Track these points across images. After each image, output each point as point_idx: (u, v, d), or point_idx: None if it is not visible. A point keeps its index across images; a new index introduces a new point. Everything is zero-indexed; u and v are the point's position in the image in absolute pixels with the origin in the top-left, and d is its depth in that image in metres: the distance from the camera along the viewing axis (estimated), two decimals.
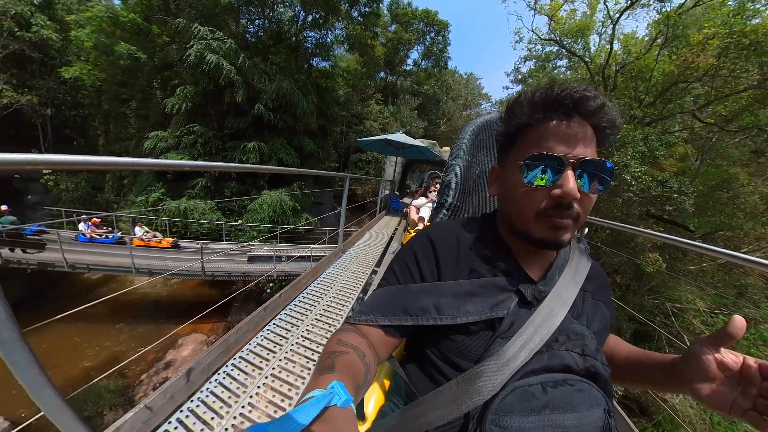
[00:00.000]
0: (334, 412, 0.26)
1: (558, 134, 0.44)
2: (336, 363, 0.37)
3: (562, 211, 0.44)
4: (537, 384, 0.41)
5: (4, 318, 0.76)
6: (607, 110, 0.44)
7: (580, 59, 8.83)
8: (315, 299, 2.47)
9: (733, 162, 8.14)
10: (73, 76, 12.84)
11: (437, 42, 22.59)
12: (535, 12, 9.14)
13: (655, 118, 7.25)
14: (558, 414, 0.39)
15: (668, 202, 5.70)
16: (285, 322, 2.09)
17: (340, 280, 2.93)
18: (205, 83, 10.77)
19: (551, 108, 0.45)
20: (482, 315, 0.46)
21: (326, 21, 13.39)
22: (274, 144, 11.87)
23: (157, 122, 13.36)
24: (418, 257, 0.54)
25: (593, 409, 0.41)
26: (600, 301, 0.55)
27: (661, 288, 7.48)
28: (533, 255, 0.53)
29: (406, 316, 0.48)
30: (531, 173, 0.45)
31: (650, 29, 7.59)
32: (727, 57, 5.84)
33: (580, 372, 0.44)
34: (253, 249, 8.88)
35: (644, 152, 5.45)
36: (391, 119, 19.32)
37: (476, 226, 0.58)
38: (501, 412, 0.40)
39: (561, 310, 0.47)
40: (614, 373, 0.54)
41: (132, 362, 7.83)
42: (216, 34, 10.05)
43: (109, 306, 9.30)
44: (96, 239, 8.59)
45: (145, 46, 12.13)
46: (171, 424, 1.26)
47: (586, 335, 0.47)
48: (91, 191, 14.00)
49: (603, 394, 0.43)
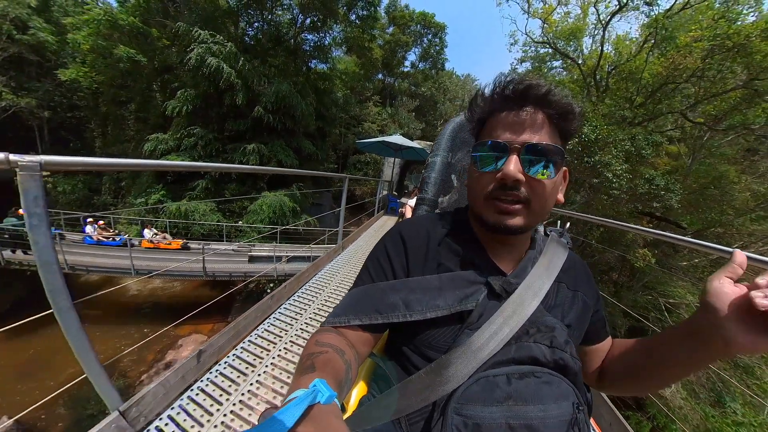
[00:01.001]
0: (320, 409, 0.26)
1: (507, 123, 0.47)
2: (315, 363, 0.37)
3: (506, 192, 0.45)
4: (502, 375, 0.42)
5: (60, 288, 0.89)
6: (554, 96, 0.45)
7: (573, 61, 9.03)
8: (316, 292, 2.58)
9: (726, 160, 8.31)
10: (69, 79, 12.87)
11: (434, 44, 22.82)
12: (529, 15, 9.34)
13: (646, 118, 7.43)
14: (521, 405, 0.39)
15: (655, 199, 5.86)
16: (289, 311, 2.21)
17: (339, 276, 3.04)
18: (205, 86, 10.86)
19: (502, 100, 0.47)
20: (451, 309, 0.47)
21: (324, 24, 13.54)
22: (274, 146, 11.97)
23: (157, 124, 13.42)
24: (390, 253, 0.55)
25: (560, 402, 0.41)
26: (578, 292, 0.55)
27: (654, 284, 7.62)
28: (504, 247, 0.54)
29: (377, 315, 0.48)
30: (480, 160, 0.48)
31: (641, 31, 7.80)
32: (713, 59, 6.04)
33: (549, 364, 0.44)
34: (253, 249, 8.97)
35: (631, 151, 5.61)
36: (389, 121, 19.46)
37: (448, 220, 0.59)
38: (464, 401, 0.40)
39: (532, 301, 0.47)
40: (637, 374, 0.52)
41: (133, 363, 7.91)
42: (216, 38, 10.16)
43: (110, 309, 9.35)
44: (104, 242, 8.58)
45: (144, 49, 12.20)
46: (183, 400, 1.37)
47: (556, 327, 0.47)
48: (88, 193, 14.03)
49: (573, 387, 0.43)
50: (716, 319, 0.37)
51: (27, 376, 6.83)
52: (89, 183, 14.09)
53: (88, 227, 8.62)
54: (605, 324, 0.60)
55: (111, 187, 14.24)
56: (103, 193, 14.12)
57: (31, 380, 6.69)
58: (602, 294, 0.66)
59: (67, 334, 0.97)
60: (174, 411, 1.31)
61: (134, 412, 1.19)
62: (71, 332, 0.97)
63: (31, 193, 0.80)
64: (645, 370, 0.51)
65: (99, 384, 1.08)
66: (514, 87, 0.46)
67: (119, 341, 8.33)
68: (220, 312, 9.60)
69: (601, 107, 6.52)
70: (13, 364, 7.12)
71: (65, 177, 13.22)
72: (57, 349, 7.29)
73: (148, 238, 8.82)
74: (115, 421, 1.14)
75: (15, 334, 7.57)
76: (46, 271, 0.87)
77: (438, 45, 22.88)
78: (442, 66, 24.23)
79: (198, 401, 1.37)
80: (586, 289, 0.56)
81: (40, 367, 7.01)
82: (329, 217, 13.96)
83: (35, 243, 0.85)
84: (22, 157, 0.77)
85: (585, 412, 0.42)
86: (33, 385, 6.59)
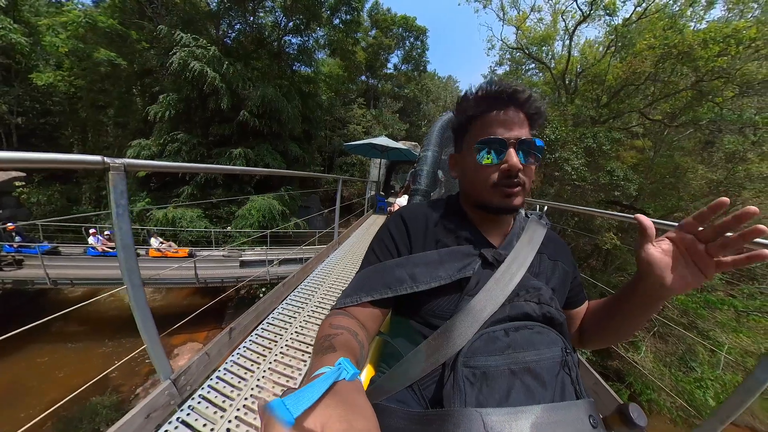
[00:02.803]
0: (344, 385, 0.28)
1: (499, 121, 0.54)
2: (334, 343, 0.40)
3: (510, 180, 0.53)
4: (500, 329, 0.47)
5: (135, 268, 1.12)
6: (533, 100, 0.54)
7: (545, 65, 9.71)
8: (321, 280, 2.89)
9: (687, 152, 9.19)
10: (46, 83, 12.31)
11: (416, 47, 23.37)
12: (504, 23, 9.95)
13: (610, 117, 8.18)
14: (519, 352, 0.45)
15: (616, 188, 6.56)
16: (299, 296, 2.50)
17: (340, 266, 3.35)
18: (188, 90, 10.73)
19: (491, 100, 0.55)
20: (452, 277, 0.52)
21: (307, 27, 13.62)
22: (260, 150, 11.96)
23: (137, 130, 13.07)
24: (393, 234, 0.61)
25: (551, 347, 0.47)
26: (558, 261, 0.62)
27: (625, 266, 8.40)
28: (492, 224, 0.62)
29: (386, 290, 0.53)
30: (482, 154, 0.55)
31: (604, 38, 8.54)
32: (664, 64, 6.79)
33: (538, 318, 0.50)
34: (244, 254, 8.99)
35: (593, 147, 6.28)
36: (374, 122, 19.75)
37: (442, 205, 0.66)
38: (470, 355, 0.45)
39: (520, 269, 0.53)
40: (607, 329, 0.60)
41: (126, 376, 7.65)
42: (199, 42, 10.08)
43: (94, 323, 9.08)
44: (109, 252, 8.26)
45: (123, 51, 11.87)
46: (220, 371, 1.61)
47: (542, 288, 0.54)
48: (67, 203, 13.43)
49: (560, 335, 0.50)
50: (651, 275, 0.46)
51: (7, 404, 6.32)
52: (67, 193, 13.48)
53: (91, 238, 8.31)
54: (582, 289, 0.68)
55: (92, 196, 13.71)
56: (83, 202, 13.56)
57: (13, 407, 6.15)
58: (584, 277, 0.80)
59: (136, 309, 1.19)
60: (213, 381, 1.54)
61: (182, 381, 1.41)
62: (139, 307, 1.20)
63: (119, 188, 1.03)
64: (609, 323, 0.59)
65: (156, 355, 1.29)
66: (505, 90, 0.53)
67: (112, 354, 8.12)
68: (215, 319, 9.52)
69: (570, 108, 7.16)
70: None
71: (39, 186, 12.60)
72: (33, 375, 6.93)
73: (155, 247, 8.60)
74: (167, 388, 1.34)
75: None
76: (126, 253, 1.10)
77: (420, 48, 23.44)
78: (424, 68, 24.80)
79: (233, 371, 1.61)
80: (565, 259, 0.64)
81: (18, 392, 6.62)
82: (316, 220, 14.17)
83: (119, 228, 1.08)
84: (113, 160, 1.00)
85: (573, 356, 0.49)
86: (11, 411, 6.11)
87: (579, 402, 0.43)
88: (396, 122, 20.76)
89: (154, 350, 1.27)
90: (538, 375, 0.44)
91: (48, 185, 12.94)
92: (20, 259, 7.77)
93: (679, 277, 0.45)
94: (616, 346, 5.03)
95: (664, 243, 0.46)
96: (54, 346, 8.04)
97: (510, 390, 0.42)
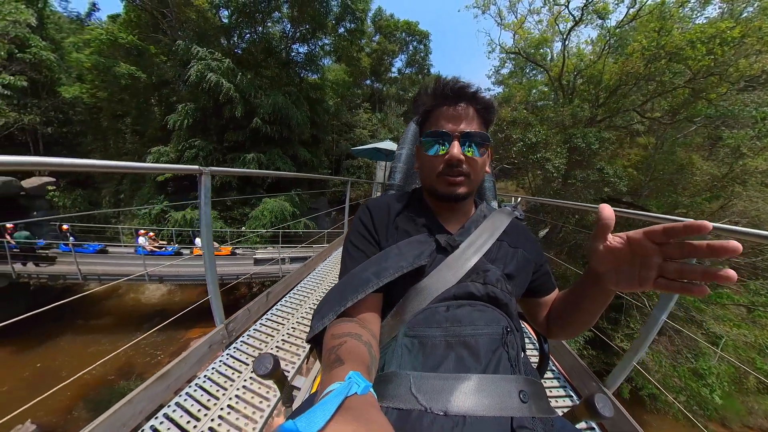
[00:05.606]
0: (357, 400, 0.27)
1: (447, 115, 0.58)
2: (340, 355, 0.39)
3: (452, 169, 0.57)
4: (443, 306, 0.51)
5: (209, 240, 1.54)
6: (480, 96, 0.58)
7: (542, 68, 10.04)
8: (326, 273, 3.24)
9: (696, 148, 9.22)
10: (73, 96, 13.21)
11: (419, 50, 23.87)
12: (502, 27, 10.34)
13: (606, 116, 8.44)
14: (457, 327, 0.49)
15: (606, 185, 6.86)
16: (323, 271, 3.11)
17: None
18: (205, 100, 11.40)
19: (442, 96, 0.58)
20: (412, 265, 0.54)
21: (314, 35, 14.22)
22: (271, 154, 12.54)
23: (154, 137, 13.81)
24: (363, 222, 0.65)
25: (491, 325, 0.50)
26: (519, 249, 0.64)
27: None
28: (450, 213, 0.65)
29: (356, 295, 0.52)
30: (430, 146, 0.59)
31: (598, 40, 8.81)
32: (656, 64, 7.06)
33: (483, 298, 0.53)
34: (257, 252, 9.49)
35: (582, 146, 6.64)
36: (380, 126, 20.20)
37: (406, 197, 0.70)
38: (411, 326, 0.50)
39: (476, 254, 0.56)
40: (572, 318, 0.59)
41: (149, 365, 8.18)
42: (215, 55, 10.72)
43: (117, 318, 9.68)
44: (156, 251, 9.00)
45: (141, 64, 12.66)
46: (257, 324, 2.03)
47: (491, 270, 0.56)
48: (89, 206, 14.26)
49: (504, 314, 0.53)
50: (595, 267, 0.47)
51: (38, 387, 6.81)
52: (89, 197, 14.33)
53: (141, 239, 9.00)
54: (550, 278, 0.69)
55: (111, 200, 14.52)
56: (103, 206, 14.38)
57: (43, 391, 6.76)
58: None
59: (207, 267, 1.61)
60: (253, 331, 1.96)
61: (231, 326, 1.82)
62: (209, 263, 1.61)
63: (207, 188, 1.47)
64: (570, 315, 0.60)
65: (215, 304, 1.70)
66: (451, 87, 0.57)
67: (134, 345, 8.62)
68: (229, 314, 9.98)
69: (567, 108, 7.49)
70: (21, 376, 7.29)
71: (64, 191, 13.43)
72: (62, 364, 7.54)
73: (199, 246, 9.19)
74: (221, 330, 1.74)
75: (21, 349, 7.84)
76: (206, 229, 1.54)
77: (423, 51, 23.94)
78: (427, 71, 25.25)
79: (266, 324, 2.04)
80: (528, 247, 0.66)
81: (49, 378, 7.13)
82: (322, 219, 14.78)
83: (205, 215, 1.51)
84: (203, 168, 1.44)
85: (516, 337, 0.52)
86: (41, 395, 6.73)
87: (511, 377, 0.46)
88: (401, 126, 21.16)
89: (216, 303, 1.69)
90: (472, 348, 0.47)
91: (72, 190, 13.80)
92: (53, 256, 8.42)
93: (624, 276, 0.43)
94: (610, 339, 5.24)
95: (619, 239, 0.43)
96: (84, 338, 8.63)
97: (444, 359, 0.46)
